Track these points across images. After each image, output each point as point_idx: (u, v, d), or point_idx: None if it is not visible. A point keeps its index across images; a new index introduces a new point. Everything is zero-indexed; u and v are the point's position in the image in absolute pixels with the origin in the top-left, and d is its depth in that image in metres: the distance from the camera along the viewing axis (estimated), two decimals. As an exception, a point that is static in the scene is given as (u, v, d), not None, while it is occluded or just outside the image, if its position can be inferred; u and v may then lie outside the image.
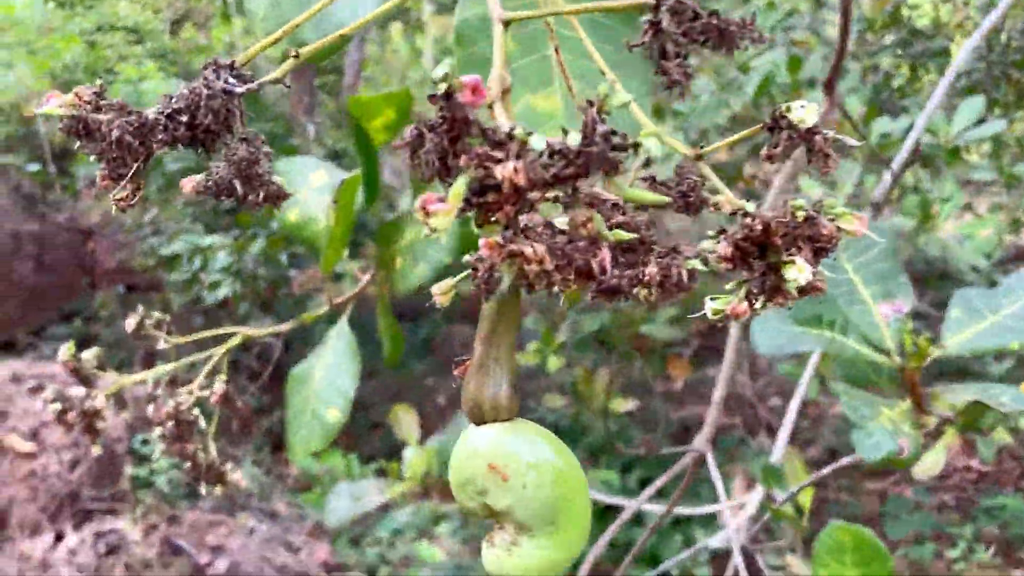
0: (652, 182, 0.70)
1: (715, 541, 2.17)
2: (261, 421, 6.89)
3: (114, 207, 0.57)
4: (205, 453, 1.56)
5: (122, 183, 0.55)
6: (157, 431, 1.43)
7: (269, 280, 6.98)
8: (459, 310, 8.95)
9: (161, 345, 1.70)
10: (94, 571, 4.30)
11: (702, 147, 0.57)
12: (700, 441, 2.00)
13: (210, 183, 0.64)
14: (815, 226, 0.55)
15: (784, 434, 2.28)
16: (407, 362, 8.18)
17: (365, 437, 7.53)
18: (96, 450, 1.46)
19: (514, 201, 0.43)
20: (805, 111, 0.53)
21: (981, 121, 5.32)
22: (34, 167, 8.97)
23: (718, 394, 2.03)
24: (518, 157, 0.42)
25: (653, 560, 5.33)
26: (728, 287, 0.62)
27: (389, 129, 1.64)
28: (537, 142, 0.43)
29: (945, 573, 5.44)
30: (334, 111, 11.94)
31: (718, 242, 0.56)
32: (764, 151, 0.55)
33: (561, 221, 0.55)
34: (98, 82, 0.62)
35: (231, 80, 0.55)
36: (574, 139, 0.43)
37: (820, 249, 0.57)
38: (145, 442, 5.48)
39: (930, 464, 4.82)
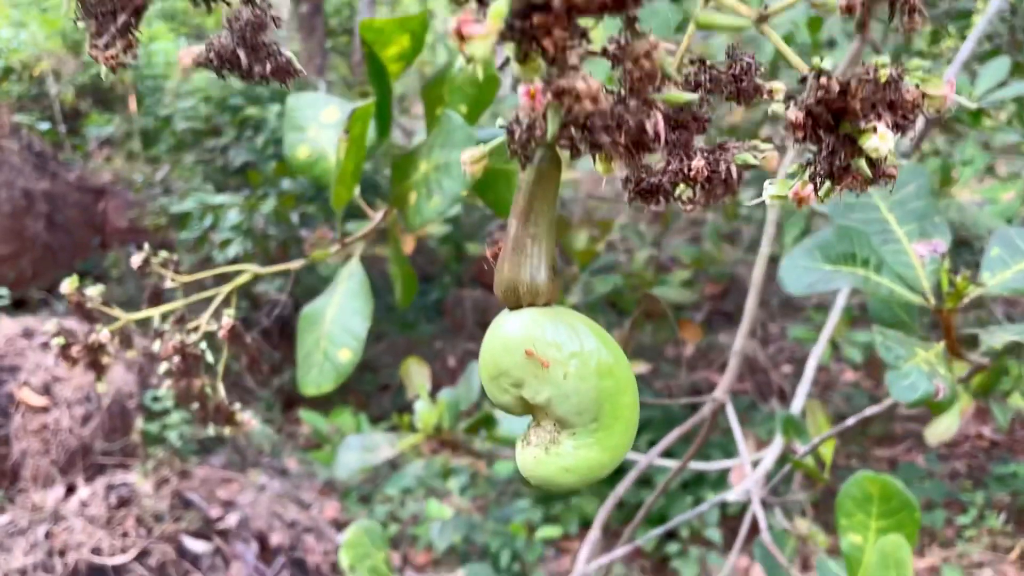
0: (702, 64, 0.63)
1: (732, 495, 2.12)
2: (272, 380, 6.88)
3: (103, 68, 0.51)
4: (214, 393, 1.51)
5: (109, 34, 0.49)
6: (163, 366, 1.39)
7: (280, 240, 6.93)
8: (470, 273, 8.90)
9: (168, 284, 1.65)
10: (105, 522, 4.30)
11: (766, 5, 0.50)
12: (720, 391, 1.95)
13: (211, 54, 0.57)
14: (898, 90, 0.48)
15: (804, 387, 2.23)
16: (417, 325, 8.16)
17: (375, 398, 7.54)
18: (101, 387, 1.42)
19: (564, 24, 0.36)
20: (894, -55, 0.46)
21: (1003, 84, 5.20)
22: (45, 126, 8.93)
23: (738, 343, 1.97)
24: (571, -34, 0.36)
25: (661, 521, 5.31)
26: (789, 171, 0.56)
27: (404, 59, 1.57)
28: (597, -60, 0.36)
29: (955, 539, 5.41)
30: (346, 74, 11.81)
31: (787, 108, 0.49)
32: (843, 0, 0.49)
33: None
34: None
35: (236, -83, 0.49)
36: (638, -56, 0.37)
37: (900, 120, 0.50)
38: (156, 399, 5.48)
39: (943, 429, 4.75)
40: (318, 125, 1.78)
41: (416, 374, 2.93)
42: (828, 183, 0.54)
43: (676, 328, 6.24)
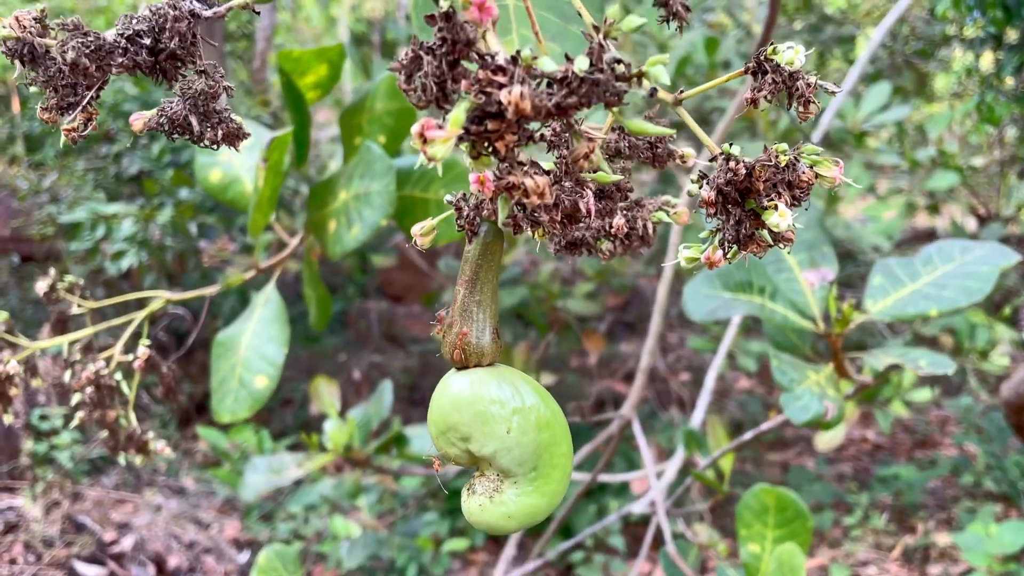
0: (620, 132, 0.69)
1: (638, 506, 2.21)
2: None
3: (63, 138, 0.53)
4: (126, 422, 1.49)
5: (75, 112, 0.51)
6: (76, 397, 1.36)
7: (177, 251, 6.73)
8: (374, 284, 8.84)
9: (75, 310, 1.62)
10: (-9, 551, 4.10)
11: (682, 91, 0.56)
12: (627, 408, 2.03)
13: (163, 119, 0.60)
14: (795, 171, 0.55)
15: (704, 399, 2.33)
16: (320, 337, 8.06)
17: (276, 413, 7.40)
18: (8, 419, 1.38)
19: (515, 130, 0.41)
20: (793, 53, 0.53)
21: (885, 107, 5.55)
22: (-82, 128, 8.43)
23: (644, 361, 2.06)
24: (523, 82, 0.40)
25: (565, 531, 5.41)
26: (701, 235, 0.63)
27: (320, 87, 1.59)
28: (547, 64, 0.41)
29: (842, 539, 5.69)
30: (245, 79, 11.56)
31: (700, 187, 0.55)
32: (748, 94, 0.55)
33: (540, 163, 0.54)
34: (39, 6, 0.57)
35: (197, 2, 0.51)
36: (581, 65, 0.42)
37: (797, 196, 0.57)
38: (44, 417, 5.25)
39: (832, 436, 5.00)
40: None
41: (325, 392, 2.92)
42: (735, 248, 0.60)
43: (568, 352, 6.37)
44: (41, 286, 1.54)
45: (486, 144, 0.42)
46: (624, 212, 0.71)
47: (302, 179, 6.67)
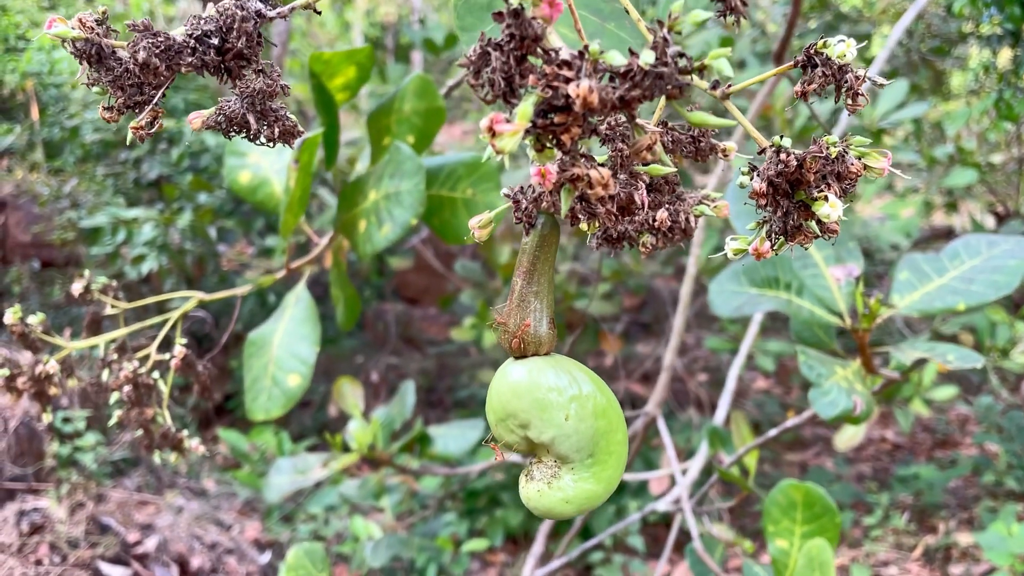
0: (664, 126, 0.70)
1: (663, 504, 2.22)
2: (187, 398, 6.72)
3: (129, 135, 0.54)
4: (162, 419, 1.51)
5: (144, 112, 0.52)
6: (114, 396, 1.38)
7: (196, 255, 6.78)
8: (391, 286, 8.87)
9: (108, 311, 1.64)
10: (17, 550, 4.14)
11: (730, 85, 0.57)
12: (651, 405, 2.04)
13: (221, 117, 0.61)
14: (844, 163, 0.56)
15: (726, 398, 2.34)
16: (337, 339, 8.09)
17: (295, 415, 7.43)
18: (47, 418, 1.41)
19: (581, 123, 0.42)
20: (844, 46, 0.54)
21: (902, 105, 5.53)
22: (-62, 135, 8.52)
23: (668, 359, 2.06)
24: (590, 76, 0.42)
25: (585, 532, 5.41)
26: (749, 227, 0.64)
27: (349, 88, 1.61)
28: (616, 58, 0.42)
29: (863, 539, 5.67)
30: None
31: (751, 178, 0.56)
32: (798, 87, 0.56)
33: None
34: (101, 8, 0.59)
35: (261, 2, 0.53)
36: (647, 58, 0.43)
37: (846, 188, 0.58)
38: (67, 420, 5.29)
39: (851, 435, 4.97)
40: (260, 150, 1.79)
41: (349, 393, 2.94)
42: (782, 239, 0.61)
43: (585, 352, 6.37)
44: (77, 287, 1.57)
45: (551, 137, 0.44)
46: (667, 206, 0.72)
47: (319, 183, 6.71)
